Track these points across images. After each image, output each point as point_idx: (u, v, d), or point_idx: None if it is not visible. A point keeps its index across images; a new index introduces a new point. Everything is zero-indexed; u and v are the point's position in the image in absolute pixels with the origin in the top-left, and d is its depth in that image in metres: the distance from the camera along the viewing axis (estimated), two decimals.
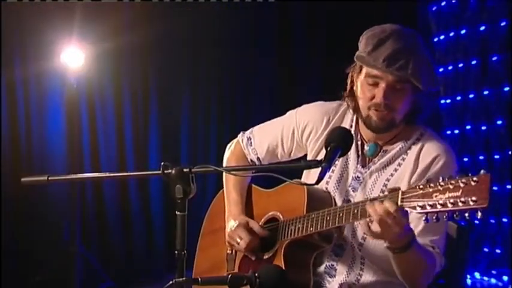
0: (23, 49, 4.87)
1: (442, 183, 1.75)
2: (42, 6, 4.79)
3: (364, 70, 2.18)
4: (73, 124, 4.96)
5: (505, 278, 4.83)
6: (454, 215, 1.74)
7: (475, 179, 1.69)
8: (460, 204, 1.70)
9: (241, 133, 2.61)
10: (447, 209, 1.73)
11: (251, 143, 2.54)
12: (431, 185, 1.78)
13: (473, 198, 1.68)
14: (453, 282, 2.45)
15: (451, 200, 1.72)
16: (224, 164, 2.61)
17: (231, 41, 5.63)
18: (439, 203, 1.75)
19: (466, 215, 1.71)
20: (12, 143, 4.84)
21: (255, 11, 5.57)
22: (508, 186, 4.92)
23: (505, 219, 4.96)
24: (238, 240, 2.37)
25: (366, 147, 2.25)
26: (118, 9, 5.01)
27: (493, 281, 4.91)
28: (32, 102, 4.94)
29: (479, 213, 1.68)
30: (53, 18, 4.84)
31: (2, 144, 4.74)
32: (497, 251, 5.01)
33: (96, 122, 5.23)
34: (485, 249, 5.07)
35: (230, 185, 2.55)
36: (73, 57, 4.79)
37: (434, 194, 1.76)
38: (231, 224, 2.44)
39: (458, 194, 1.71)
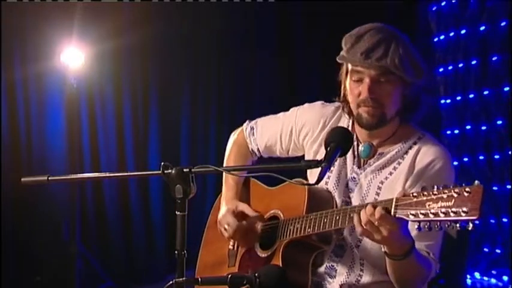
0: (23, 49, 4.87)
1: (435, 192, 1.75)
2: (42, 6, 4.79)
3: (349, 68, 2.19)
4: (73, 124, 4.96)
5: (505, 278, 4.83)
6: (446, 225, 1.74)
7: (467, 189, 1.69)
8: (451, 214, 1.70)
9: (246, 121, 2.64)
10: (439, 218, 1.73)
11: (253, 133, 2.57)
12: (425, 193, 1.78)
13: (465, 209, 1.67)
14: (453, 282, 2.46)
15: (443, 210, 1.71)
16: (227, 150, 2.65)
17: (231, 41, 5.63)
18: (431, 212, 1.74)
19: (457, 225, 1.71)
20: (12, 143, 4.84)
21: (255, 11, 5.57)
22: (508, 186, 4.92)
23: (505, 219, 4.96)
24: (226, 226, 2.40)
25: (361, 148, 2.25)
26: (118, 9, 5.01)
27: (493, 281, 4.91)
28: (32, 102, 4.94)
29: (471, 225, 1.67)
30: (53, 18, 4.84)
31: (2, 144, 4.74)
32: (497, 251, 5.01)
33: (96, 122, 5.23)
34: (485, 249, 5.08)
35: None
36: (73, 57, 4.80)
37: (428, 203, 1.76)
38: (222, 209, 2.48)
39: (451, 204, 1.70)
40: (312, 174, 2.34)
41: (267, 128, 2.54)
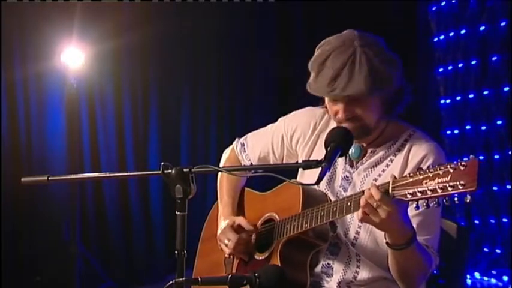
0: (23, 49, 4.87)
1: (431, 170, 1.77)
2: (42, 6, 4.79)
3: None
4: (73, 124, 4.96)
5: (505, 278, 4.83)
6: (444, 200, 1.75)
7: (463, 163, 1.71)
8: (449, 188, 1.72)
9: (236, 139, 2.64)
10: (437, 194, 1.75)
11: (244, 149, 2.57)
12: (421, 172, 1.80)
13: (462, 182, 1.69)
14: (453, 282, 2.45)
15: (441, 186, 1.73)
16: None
17: (231, 41, 5.63)
18: (429, 189, 1.76)
19: (456, 199, 1.72)
20: (12, 143, 4.84)
21: (255, 11, 5.58)
22: (508, 186, 4.92)
23: (505, 219, 4.96)
24: (227, 241, 2.39)
25: (351, 150, 2.24)
26: (118, 9, 5.01)
27: (493, 281, 4.91)
28: (32, 102, 4.94)
29: (469, 197, 1.70)
30: (53, 18, 4.84)
31: (2, 144, 4.74)
32: (497, 251, 5.01)
33: (96, 122, 5.23)
34: (485, 249, 5.08)
35: (223, 189, 2.59)
36: (73, 57, 4.79)
37: (424, 181, 1.78)
38: (221, 226, 2.48)
39: (448, 179, 1.72)
40: (304, 176, 2.34)
41: (258, 141, 2.54)
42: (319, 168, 1.90)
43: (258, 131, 2.58)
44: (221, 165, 2.63)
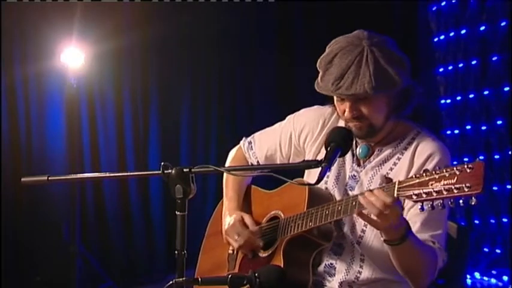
0: (23, 49, 4.86)
1: (437, 172, 1.78)
2: (42, 6, 4.79)
3: None
4: (73, 124, 4.95)
5: (505, 278, 4.83)
6: (449, 202, 1.76)
7: (470, 166, 1.72)
8: (454, 191, 1.73)
9: (243, 138, 2.65)
10: (442, 196, 1.76)
11: (251, 147, 2.59)
12: (427, 173, 1.80)
13: (468, 185, 1.70)
14: (453, 282, 2.46)
15: (446, 187, 1.74)
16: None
17: (231, 41, 5.63)
18: (434, 191, 1.77)
19: (461, 201, 1.73)
20: (12, 143, 4.84)
21: (255, 11, 5.58)
22: (508, 186, 4.92)
23: (505, 219, 4.96)
24: (236, 236, 2.40)
25: (358, 149, 2.26)
26: (118, 9, 5.01)
27: (493, 281, 4.91)
28: (32, 102, 4.94)
29: (474, 200, 1.71)
30: (53, 18, 4.84)
31: (2, 144, 4.74)
32: (497, 251, 5.01)
33: (96, 122, 5.23)
34: (485, 249, 5.08)
35: (229, 185, 2.60)
36: (73, 57, 4.79)
37: (430, 182, 1.78)
38: (227, 220, 2.48)
39: (454, 181, 1.73)
40: (311, 175, 2.35)
41: (265, 139, 2.55)
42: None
43: (266, 130, 2.59)
44: (227, 164, 2.65)
